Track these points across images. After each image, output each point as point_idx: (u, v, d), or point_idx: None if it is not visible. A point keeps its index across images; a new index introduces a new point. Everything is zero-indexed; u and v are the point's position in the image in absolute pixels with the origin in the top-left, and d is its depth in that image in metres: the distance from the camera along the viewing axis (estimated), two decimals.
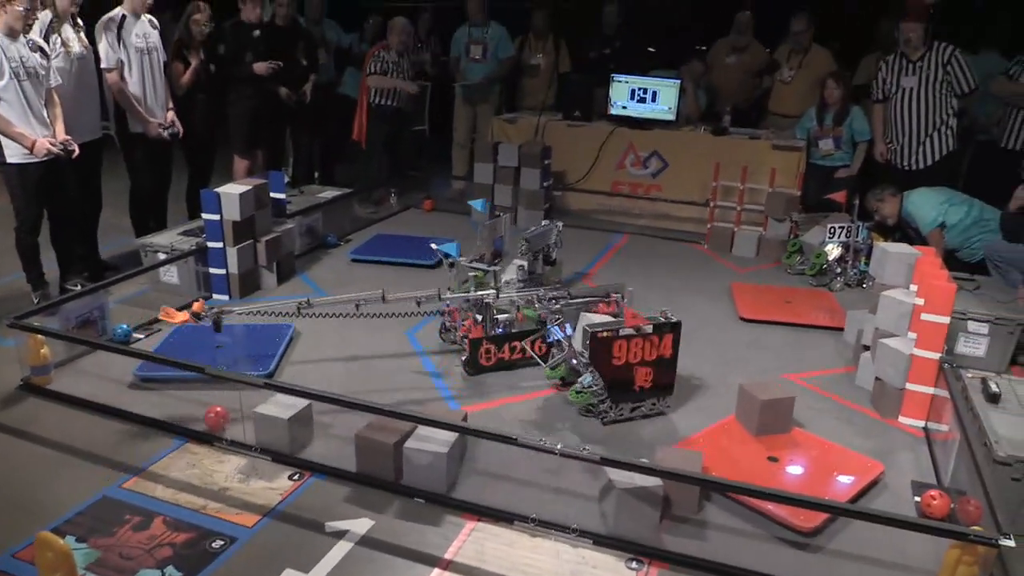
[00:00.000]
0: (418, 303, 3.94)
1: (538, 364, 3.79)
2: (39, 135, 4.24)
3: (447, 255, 4.21)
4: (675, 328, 3.47)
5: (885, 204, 5.28)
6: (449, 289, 4.06)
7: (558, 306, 3.83)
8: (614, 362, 3.41)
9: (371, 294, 3.90)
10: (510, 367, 3.96)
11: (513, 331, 4.01)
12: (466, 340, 3.95)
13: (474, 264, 4.20)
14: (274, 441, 3.18)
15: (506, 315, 4.07)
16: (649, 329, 3.42)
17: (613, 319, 3.71)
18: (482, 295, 3.99)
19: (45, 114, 4.33)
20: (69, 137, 4.38)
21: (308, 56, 6.58)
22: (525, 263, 4.47)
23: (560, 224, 4.76)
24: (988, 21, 7.04)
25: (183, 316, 3.75)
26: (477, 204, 4.57)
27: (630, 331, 3.40)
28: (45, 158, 4.25)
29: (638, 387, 3.50)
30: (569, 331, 3.62)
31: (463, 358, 3.95)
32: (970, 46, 5.72)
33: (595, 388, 3.42)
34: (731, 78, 7.34)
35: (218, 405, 3.35)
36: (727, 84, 7.36)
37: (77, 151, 4.40)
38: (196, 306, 3.79)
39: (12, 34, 4.13)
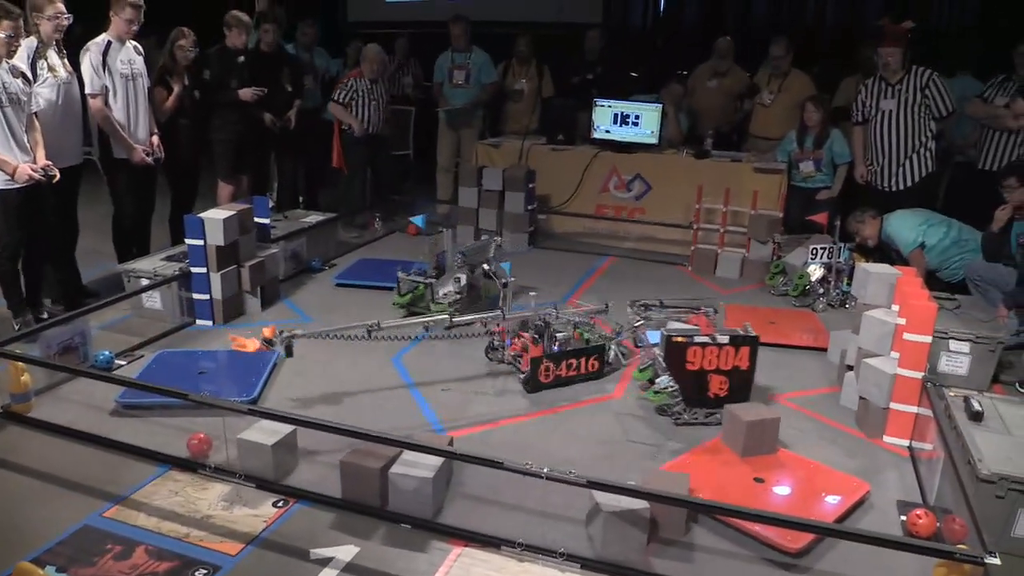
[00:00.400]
0: (484, 324, 4.29)
1: (586, 380, 4.10)
2: (20, 161, 4.21)
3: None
4: (752, 341, 3.62)
5: (865, 226, 5.35)
6: (501, 310, 4.26)
7: (647, 313, 4.08)
8: (688, 367, 3.61)
9: (439, 318, 4.18)
10: (566, 383, 4.07)
11: (569, 349, 4.12)
12: (519, 359, 4.13)
13: (413, 277, 4.82)
14: (258, 467, 3.15)
15: (563, 334, 4.17)
16: (725, 339, 3.56)
17: (694, 327, 3.86)
18: (542, 313, 4.17)
19: (26, 140, 4.31)
20: (50, 163, 4.36)
21: (293, 82, 6.60)
22: (462, 276, 4.85)
23: (498, 239, 5.10)
24: (961, 44, 7.19)
25: (255, 344, 3.75)
26: (418, 220, 4.90)
27: (705, 339, 3.58)
28: (26, 184, 4.22)
29: (712, 394, 3.66)
30: (656, 337, 3.82)
31: (521, 377, 4.04)
32: (945, 69, 5.81)
33: (670, 389, 3.61)
34: (713, 102, 7.43)
35: (201, 432, 3.31)
36: (709, 108, 7.45)
37: (58, 176, 4.38)
38: (267, 332, 3.83)
39: None
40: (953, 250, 5.03)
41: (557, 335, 4.14)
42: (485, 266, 4.91)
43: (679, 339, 3.61)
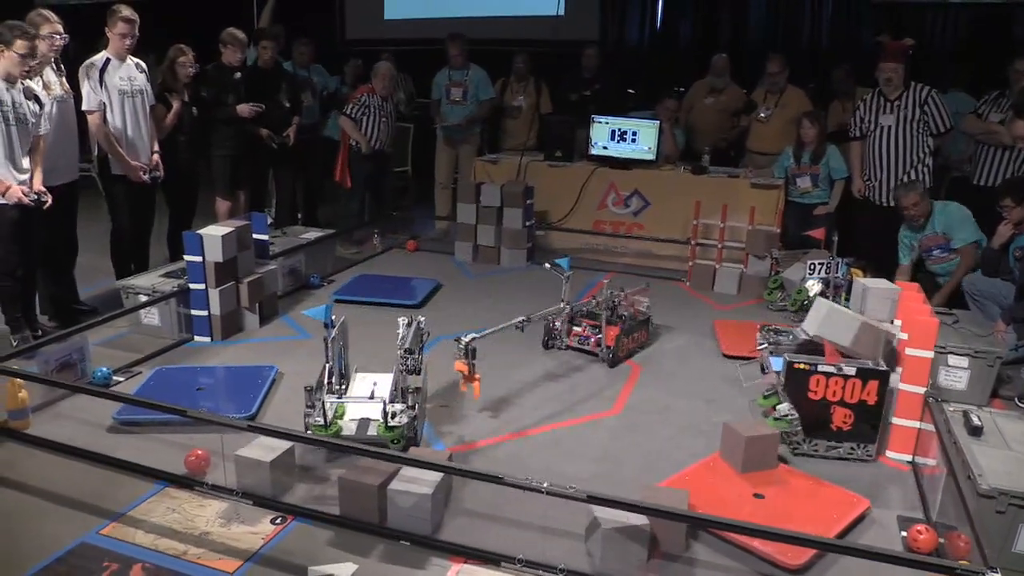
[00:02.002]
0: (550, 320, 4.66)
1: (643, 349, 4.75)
2: (16, 181, 4.22)
3: (558, 267, 4.55)
4: (883, 376, 3.44)
5: (924, 204, 5.19)
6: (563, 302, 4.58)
7: (777, 338, 3.97)
8: (810, 395, 3.48)
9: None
10: (631, 355, 4.70)
11: (630, 323, 4.73)
12: (586, 342, 4.68)
13: (315, 396, 3.39)
14: (256, 484, 3.13)
15: (627, 313, 4.79)
16: (851, 371, 3.43)
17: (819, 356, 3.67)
18: (610, 297, 4.74)
19: (27, 162, 4.33)
20: (44, 189, 4.36)
21: (291, 99, 6.63)
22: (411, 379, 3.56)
23: (422, 319, 3.73)
24: (955, 60, 7.25)
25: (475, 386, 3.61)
26: (318, 313, 3.57)
27: (830, 368, 3.44)
28: (15, 204, 4.23)
29: (835, 427, 3.52)
30: (779, 363, 3.68)
31: (604, 356, 4.54)
32: (938, 84, 5.85)
33: (790, 417, 3.48)
34: (709, 119, 7.47)
35: (199, 448, 3.30)
36: (705, 124, 7.49)
37: (49, 202, 4.36)
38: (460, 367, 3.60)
39: (10, 79, 4.16)
40: None
41: (624, 315, 4.75)
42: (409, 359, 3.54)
43: (801, 365, 3.49)
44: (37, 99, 4.37)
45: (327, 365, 3.57)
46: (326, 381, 3.55)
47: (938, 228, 5.21)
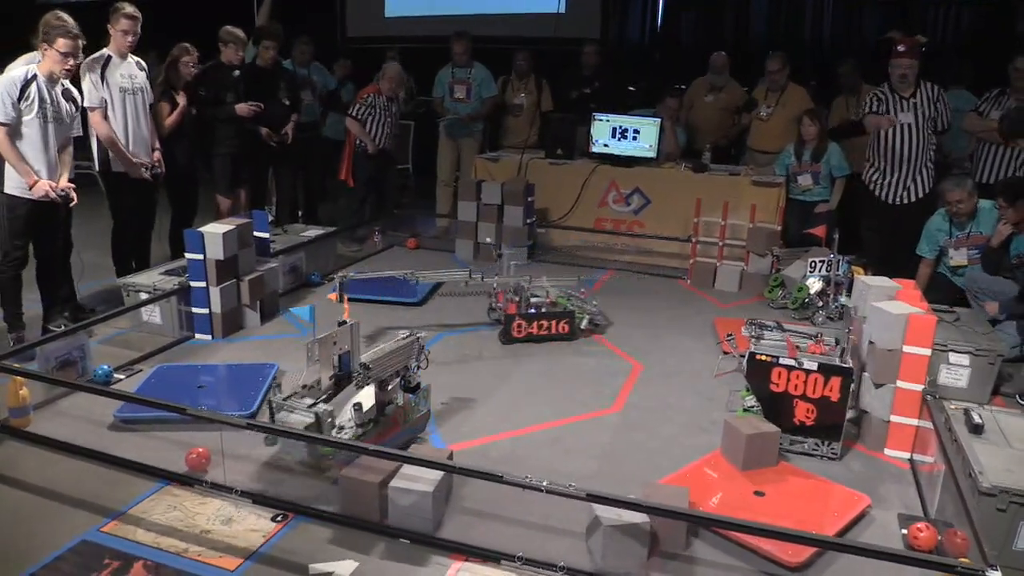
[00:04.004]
0: (466, 284, 5.15)
1: (558, 340, 4.79)
2: (44, 177, 4.31)
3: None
4: (845, 373, 3.42)
5: (973, 201, 5.05)
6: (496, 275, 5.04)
7: (761, 332, 3.90)
8: (772, 388, 3.51)
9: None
10: (538, 340, 4.78)
11: (543, 311, 4.85)
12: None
13: (292, 401, 3.24)
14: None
15: (538, 299, 4.95)
16: (813, 366, 3.44)
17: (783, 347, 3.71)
18: (519, 280, 4.93)
19: (57, 159, 4.42)
20: (72, 186, 4.47)
21: (290, 97, 6.63)
22: (362, 401, 3.30)
23: (422, 334, 3.58)
24: (957, 57, 7.23)
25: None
26: (303, 312, 3.52)
27: (791, 362, 3.46)
28: (41, 199, 4.30)
29: (798, 421, 3.52)
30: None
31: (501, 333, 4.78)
32: (940, 82, 5.83)
33: (756, 408, 3.54)
34: (710, 116, 7.48)
35: (200, 446, 3.31)
36: (706, 122, 7.49)
37: (75, 200, 4.49)
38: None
39: (52, 79, 4.29)
40: None
41: (532, 299, 4.91)
42: (400, 379, 3.47)
43: (763, 358, 3.52)
44: (74, 100, 4.51)
45: (310, 367, 3.32)
46: (301, 385, 3.32)
47: (983, 229, 5.03)
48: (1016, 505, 2.71)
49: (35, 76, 4.23)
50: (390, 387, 3.42)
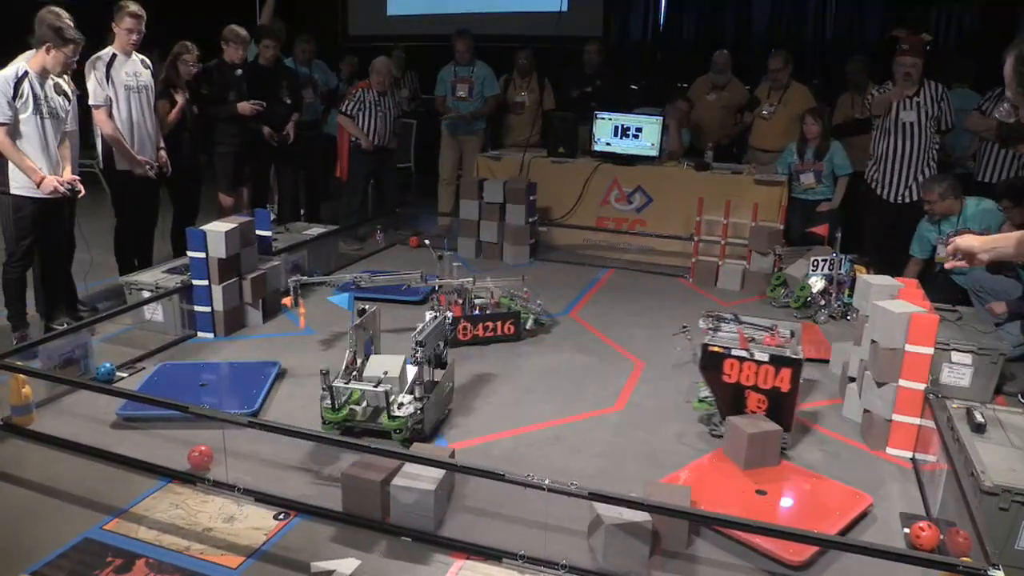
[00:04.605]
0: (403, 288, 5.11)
1: (504, 341, 4.72)
2: (48, 173, 4.31)
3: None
4: (795, 364, 3.46)
5: (946, 203, 5.03)
6: (438, 277, 4.92)
7: (719, 324, 3.92)
8: (724, 379, 3.55)
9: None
10: (484, 343, 4.71)
11: (488, 313, 4.76)
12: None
13: (337, 385, 3.51)
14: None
15: (482, 300, 4.80)
16: (764, 357, 3.48)
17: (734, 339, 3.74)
18: (462, 282, 4.76)
19: (58, 154, 4.42)
20: (77, 178, 4.48)
21: (292, 95, 6.63)
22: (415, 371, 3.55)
23: (450, 315, 4.22)
24: (960, 56, 7.22)
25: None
26: (341, 300, 3.93)
27: (743, 353, 3.49)
28: (50, 196, 4.31)
29: (749, 411, 3.55)
30: None
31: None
32: (942, 80, 5.82)
33: (709, 400, 3.63)
34: (712, 115, 7.48)
35: (203, 444, 3.31)
36: (708, 120, 7.49)
37: (83, 192, 4.49)
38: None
39: (43, 74, 4.27)
40: None
41: (476, 300, 4.79)
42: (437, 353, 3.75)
43: (716, 348, 3.56)
44: (66, 95, 4.48)
45: (350, 352, 3.63)
46: (343, 368, 3.60)
47: (972, 226, 4.96)
48: (1018, 504, 2.70)
49: (26, 73, 4.21)
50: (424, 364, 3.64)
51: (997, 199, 4.84)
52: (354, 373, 3.61)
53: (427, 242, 5.67)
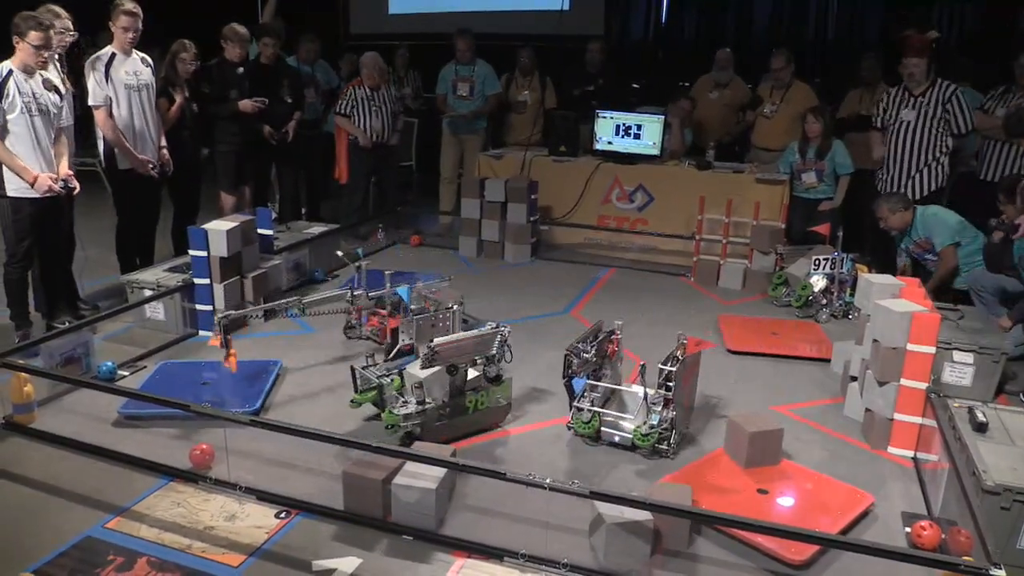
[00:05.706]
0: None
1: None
2: (42, 172, 4.28)
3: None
4: None
5: (896, 216, 5.25)
6: (358, 291, 4.64)
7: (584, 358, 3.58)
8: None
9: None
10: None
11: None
12: (377, 333, 4.52)
13: (371, 372, 3.63)
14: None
15: (415, 306, 4.37)
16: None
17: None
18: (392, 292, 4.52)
19: (52, 152, 4.39)
20: (71, 174, 4.45)
21: (293, 94, 6.63)
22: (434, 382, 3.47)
23: (507, 328, 3.72)
24: (962, 54, 7.22)
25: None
26: (403, 292, 4.23)
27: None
28: (45, 195, 4.29)
29: None
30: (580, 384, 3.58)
31: (383, 345, 4.33)
32: (945, 78, 5.81)
33: (661, 428, 3.41)
34: (713, 113, 7.47)
35: (204, 443, 3.31)
36: (710, 119, 7.48)
37: (78, 189, 4.47)
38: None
39: (27, 71, 4.23)
40: (975, 256, 5.04)
41: (411, 307, 4.37)
42: (486, 366, 3.70)
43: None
44: (56, 90, 4.43)
45: (403, 342, 3.76)
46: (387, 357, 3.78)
47: (922, 233, 5.23)
48: (1020, 503, 2.70)
49: (11, 72, 4.17)
50: (467, 375, 3.62)
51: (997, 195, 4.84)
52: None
53: (339, 252, 5.20)
